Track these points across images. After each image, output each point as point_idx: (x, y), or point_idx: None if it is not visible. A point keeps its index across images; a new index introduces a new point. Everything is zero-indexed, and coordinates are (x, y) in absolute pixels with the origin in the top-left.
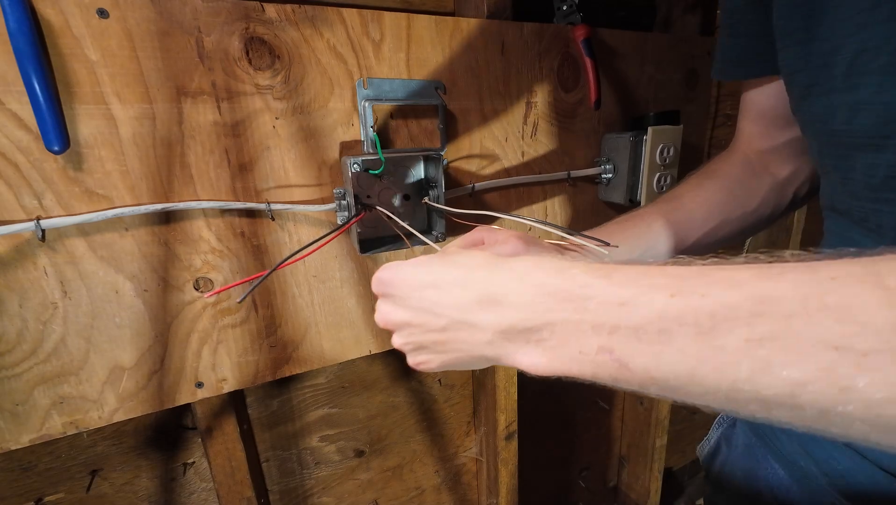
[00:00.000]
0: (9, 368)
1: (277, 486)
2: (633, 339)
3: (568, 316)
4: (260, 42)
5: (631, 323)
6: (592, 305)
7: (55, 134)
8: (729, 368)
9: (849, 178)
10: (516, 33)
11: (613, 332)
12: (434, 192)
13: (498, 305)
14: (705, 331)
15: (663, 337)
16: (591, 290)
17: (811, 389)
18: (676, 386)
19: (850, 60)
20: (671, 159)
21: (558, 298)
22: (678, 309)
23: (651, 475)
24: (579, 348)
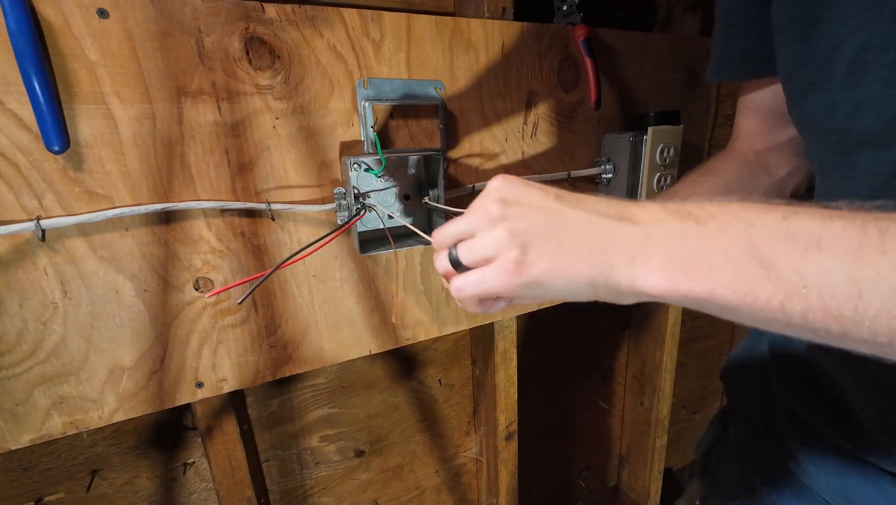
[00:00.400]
0: (9, 368)
1: (277, 486)
2: (787, 246)
3: (721, 222)
4: (260, 42)
5: (788, 233)
6: (749, 216)
7: (55, 134)
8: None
9: (849, 176)
10: (516, 33)
11: (767, 239)
12: (434, 192)
13: (641, 217)
14: (872, 241)
15: (823, 245)
16: (746, 208)
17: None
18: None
19: (853, 58)
20: (671, 159)
21: (708, 213)
22: (842, 225)
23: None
24: (725, 251)
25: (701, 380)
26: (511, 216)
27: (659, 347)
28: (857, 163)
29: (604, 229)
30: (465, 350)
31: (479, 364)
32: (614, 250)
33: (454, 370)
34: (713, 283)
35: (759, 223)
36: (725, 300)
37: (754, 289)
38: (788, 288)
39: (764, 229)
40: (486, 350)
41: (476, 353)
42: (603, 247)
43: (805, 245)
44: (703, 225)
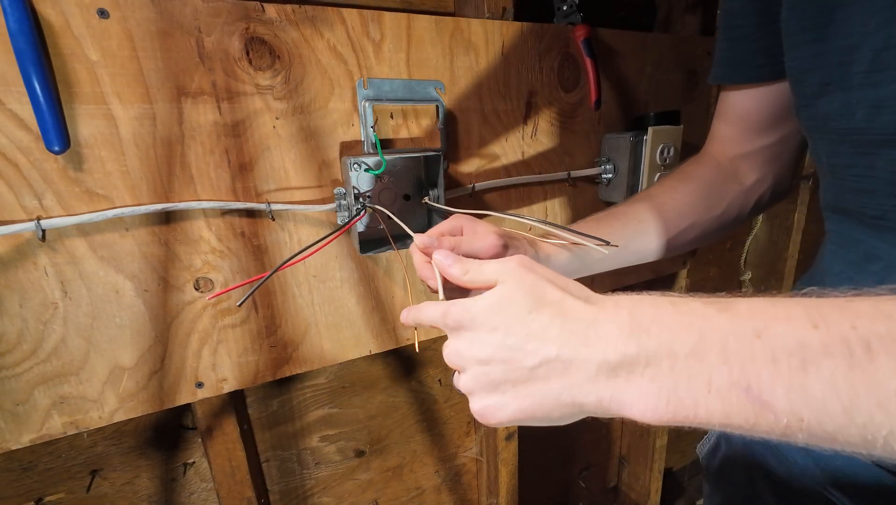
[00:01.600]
0: (9, 368)
1: (277, 486)
2: (773, 372)
3: (691, 347)
4: (260, 42)
5: (770, 356)
6: (720, 335)
7: (55, 134)
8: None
9: (867, 175)
10: (516, 33)
11: (748, 364)
12: (434, 192)
13: (604, 339)
14: (861, 363)
15: (809, 368)
16: (715, 321)
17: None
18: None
19: (873, 57)
20: (671, 159)
21: (676, 329)
22: (824, 339)
23: (651, 475)
24: (707, 385)
25: None
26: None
27: None
28: (877, 162)
29: (560, 367)
30: None
31: None
32: (576, 389)
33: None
34: (703, 414)
35: (732, 344)
36: (724, 427)
37: (749, 420)
38: (787, 420)
39: (740, 351)
40: None
41: None
42: (564, 387)
43: (790, 369)
44: (672, 350)
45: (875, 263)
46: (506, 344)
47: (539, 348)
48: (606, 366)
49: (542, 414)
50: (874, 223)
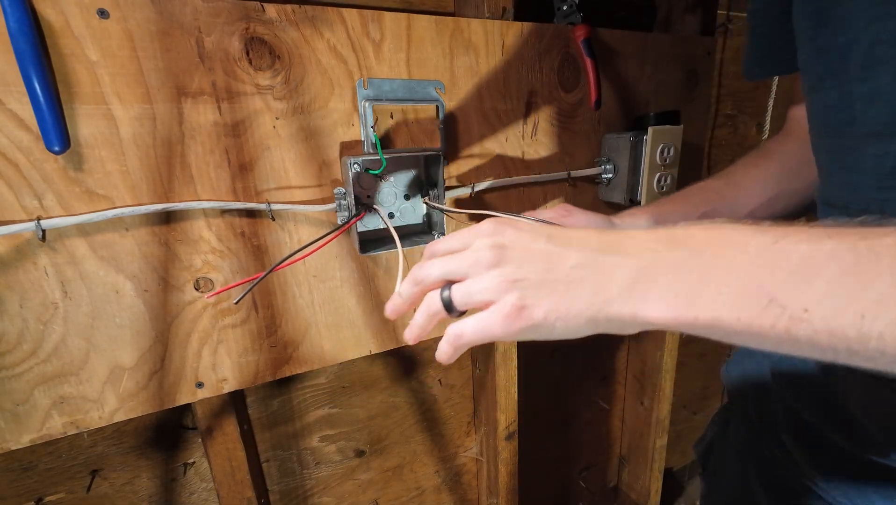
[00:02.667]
0: (9, 368)
1: (278, 486)
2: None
3: (715, 251)
4: (260, 42)
5: (784, 257)
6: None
7: (55, 134)
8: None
9: (856, 168)
10: (516, 33)
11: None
12: (434, 192)
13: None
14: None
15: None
16: (741, 231)
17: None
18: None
19: (867, 52)
20: (671, 159)
21: (706, 239)
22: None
23: (651, 475)
24: (725, 280)
25: (701, 380)
26: (505, 262)
27: (659, 346)
28: (865, 155)
29: (598, 267)
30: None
31: (480, 364)
32: (610, 287)
33: (454, 370)
34: (716, 311)
35: (752, 249)
36: (731, 327)
37: (758, 315)
38: (791, 313)
39: (759, 254)
40: (486, 350)
41: (476, 353)
42: (598, 285)
43: (801, 269)
44: (698, 254)
45: None
46: (548, 245)
47: (580, 250)
48: (639, 269)
49: (573, 316)
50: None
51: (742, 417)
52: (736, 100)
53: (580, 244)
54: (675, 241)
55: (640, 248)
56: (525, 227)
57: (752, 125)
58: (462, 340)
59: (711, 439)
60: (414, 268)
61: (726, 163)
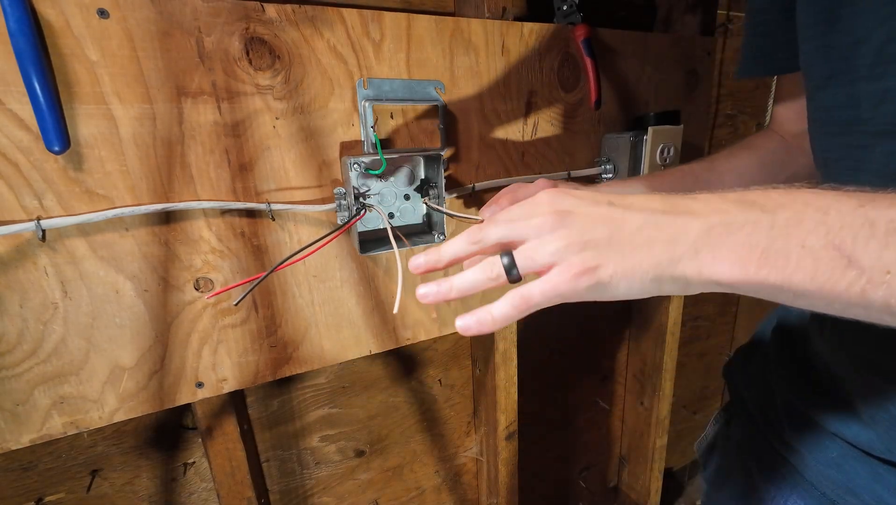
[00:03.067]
0: (9, 368)
1: (278, 486)
2: (868, 233)
3: (794, 212)
4: (260, 42)
5: (868, 220)
6: (825, 203)
7: (55, 134)
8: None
9: (861, 168)
10: (516, 33)
11: (845, 227)
12: (434, 192)
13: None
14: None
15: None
16: (818, 196)
17: None
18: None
19: (877, 50)
20: (671, 159)
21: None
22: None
23: (651, 475)
24: (801, 243)
25: (701, 380)
26: (569, 225)
27: (659, 346)
28: (872, 155)
29: (664, 226)
30: (465, 350)
31: (480, 364)
32: (678, 246)
33: (454, 370)
34: (790, 272)
35: (833, 211)
36: (802, 288)
37: (834, 277)
38: (870, 275)
39: (840, 217)
40: (486, 350)
41: (476, 353)
42: (666, 244)
43: (886, 231)
44: (772, 214)
45: None
46: (612, 209)
47: (644, 211)
48: (708, 227)
49: (638, 276)
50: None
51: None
52: (736, 100)
53: (644, 206)
54: (747, 202)
55: (710, 208)
56: (584, 194)
57: (752, 125)
58: (531, 302)
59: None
60: (470, 229)
61: None
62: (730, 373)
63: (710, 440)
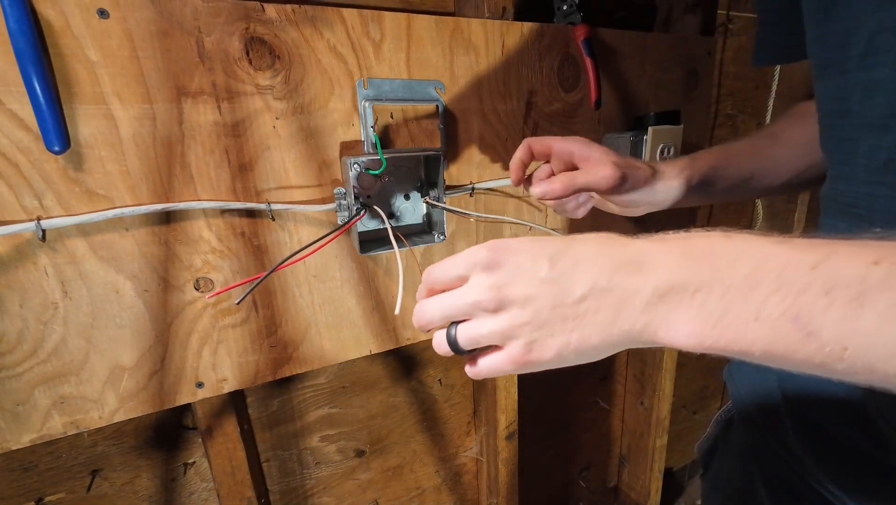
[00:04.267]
0: (9, 368)
1: (278, 486)
2: (825, 302)
3: (747, 273)
4: (260, 42)
5: (824, 286)
6: (777, 265)
7: (55, 134)
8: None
9: (849, 161)
10: (516, 33)
11: (801, 294)
12: (434, 192)
13: (654, 267)
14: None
15: (865, 301)
16: (771, 251)
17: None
18: (872, 361)
19: (867, 41)
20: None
21: (730, 259)
22: (885, 275)
23: (651, 475)
24: (755, 313)
25: (701, 380)
26: (507, 304)
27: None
28: (859, 147)
29: (610, 294)
30: None
31: None
32: (626, 316)
33: (454, 370)
34: (747, 342)
35: (788, 274)
36: (761, 356)
37: (793, 347)
38: (830, 348)
39: (795, 282)
40: None
41: None
42: (613, 314)
43: (844, 302)
44: (724, 276)
45: None
46: (550, 279)
47: (586, 278)
48: (658, 292)
49: (589, 348)
50: (848, 210)
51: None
52: (736, 100)
53: (588, 267)
54: (695, 258)
55: (658, 265)
56: (524, 251)
57: (752, 125)
58: (479, 377)
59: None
60: (417, 304)
61: None
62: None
63: (711, 442)
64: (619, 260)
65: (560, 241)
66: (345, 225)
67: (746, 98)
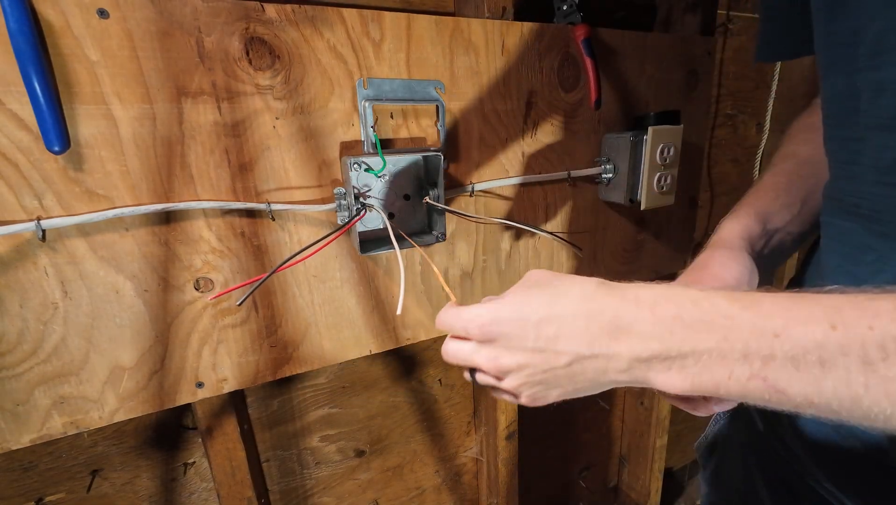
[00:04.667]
0: (9, 369)
1: (278, 486)
2: (790, 367)
3: (714, 345)
4: (260, 42)
5: (788, 353)
6: (743, 335)
7: (55, 134)
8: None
9: (855, 161)
10: (516, 33)
11: (768, 361)
12: (434, 192)
13: (630, 334)
14: (874, 361)
15: (826, 365)
16: (737, 321)
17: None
18: (838, 410)
19: (877, 40)
20: (671, 159)
21: (699, 328)
22: (841, 341)
23: (651, 475)
24: (728, 375)
25: None
26: (506, 371)
27: None
28: (866, 147)
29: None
30: None
31: None
32: (612, 376)
33: (454, 370)
34: (723, 394)
35: (753, 343)
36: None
37: (764, 399)
38: (798, 402)
39: (760, 351)
40: None
41: None
42: (599, 373)
43: (808, 367)
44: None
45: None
46: (538, 348)
47: (569, 348)
48: (637, 359)
49: (585, 392)
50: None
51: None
52: (736, 100)
53: (570, 336)
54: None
55: (634, 333)
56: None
57: (752, 125)
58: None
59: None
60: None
61: (726, 163)
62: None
63: (710, 440)
64: (599, 326)
65: (546, 298)
66: (345, 225)
67: (746, 98)
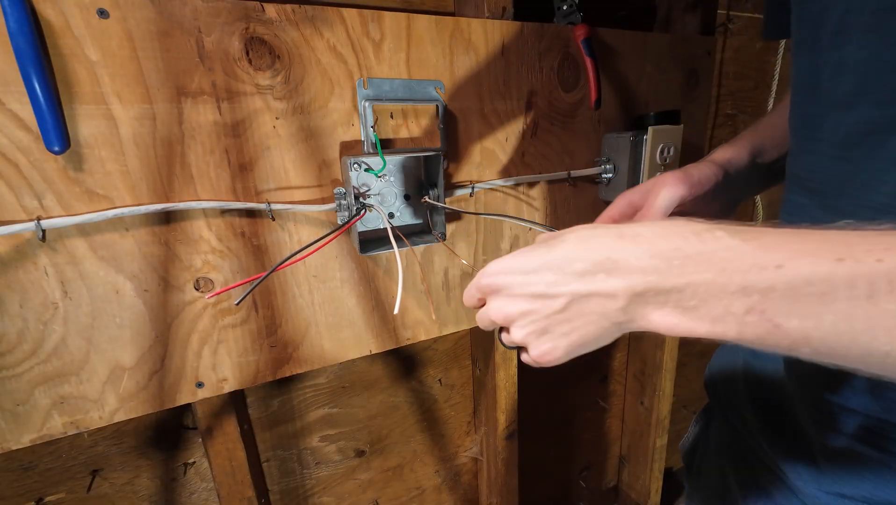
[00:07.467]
0: (9, 368)
1: (278, 486)
2: (790, 300)
3: (713, 277)
4: (260, 42)
5: (789, 285)
6: (742, 266)
7: (55, 134)
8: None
9: (814, 137)
10: (516, 33)
11: (767, 293)
12: (434, 192)
13: (627, 269)
14: (878, 294)
15: (826, 299)
16: (738, 252)
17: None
18: (834, 347)
19: (838, 19)
20: (671, 159)
21: (699, 260)
22: (847, 273)
23: (651, 475)
24: (725, 309)
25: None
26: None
27: (659, 346)
28: (824, 123)
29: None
30: (465, 350)
31: (480, 364)
32: (610, 315)
33: (454, 370)
34: (719, 331)
35: (753, 275)
36: (736, 341)
37: (759, 336)
38: (795, 338)
39: (760, 283)
40: (486, 350)
41: (476, 352)
42: (600, 315)
43: (809, 301)
44: (694, 279)
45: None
46: (538, 293)
47: (567, 289)
48: (633, 293)
49: (591, 341)
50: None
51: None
52: (736, 100)
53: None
54: (666, 258)
55: (630, 267)
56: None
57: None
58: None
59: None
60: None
61: None
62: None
63: (692, 441)
64: (592, 262)
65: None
66: (345, 225)
67: (746, 98)
